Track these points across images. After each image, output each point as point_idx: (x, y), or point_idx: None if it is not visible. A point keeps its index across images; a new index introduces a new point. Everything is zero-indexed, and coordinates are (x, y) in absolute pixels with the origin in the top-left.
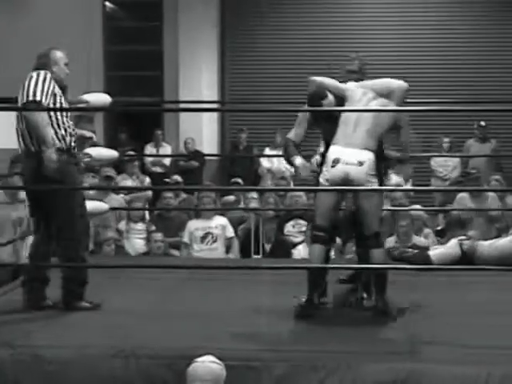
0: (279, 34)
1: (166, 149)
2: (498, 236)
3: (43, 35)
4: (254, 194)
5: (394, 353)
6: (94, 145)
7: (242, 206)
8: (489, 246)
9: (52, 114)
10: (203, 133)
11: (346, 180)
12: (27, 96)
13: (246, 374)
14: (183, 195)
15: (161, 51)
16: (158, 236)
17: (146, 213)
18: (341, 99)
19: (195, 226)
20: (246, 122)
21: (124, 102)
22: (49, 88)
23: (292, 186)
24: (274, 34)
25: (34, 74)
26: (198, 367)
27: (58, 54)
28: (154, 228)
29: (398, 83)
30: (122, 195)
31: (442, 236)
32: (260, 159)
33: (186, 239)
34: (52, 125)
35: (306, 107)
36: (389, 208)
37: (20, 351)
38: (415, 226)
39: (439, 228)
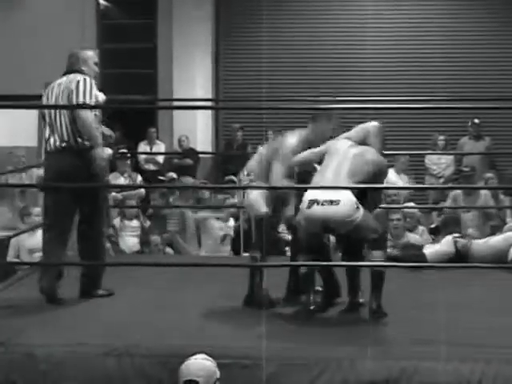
0: (274, 31)
1: (160, 146)
2: (493, 233)
3: (37, 32)
4: None
5: (387, 351)
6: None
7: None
8: (483, 244)
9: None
10: (197, 130)
11: (327, 222)
12: (79, 98)
13: (238, 372)
14: (178, 193)
15: (155, 48)
16: (156, 238)
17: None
18: None
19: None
20: (241, 119)
21: (118, 99)
22: (94, 93)
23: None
24: (269, 31)
25: (81, 80)
26: (191, 364)
27: (87, 54)
28: (148, 224)
29: (371, 124)
30: (113, 193)
31: (436, 234)
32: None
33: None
34: None
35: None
36: (383, 206)
37: (13, 350)
38: (409, 224)
39: (433, 226)
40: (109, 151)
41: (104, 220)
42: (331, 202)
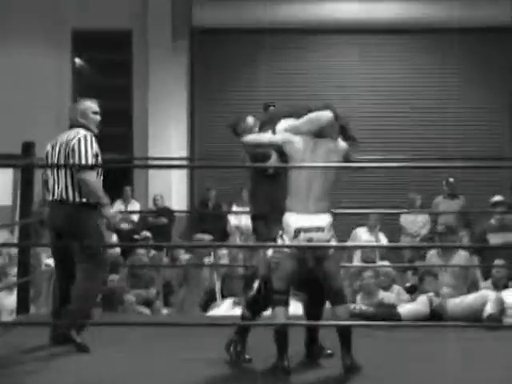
0: (249, 90)
1: (135, 205)
2: (468, 292)
3: (13, 91)
4: (224, 251)
5: None
6: None
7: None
8: (457, 304)
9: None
10: (172, 190)
11: (315, 251)
12: (80, 159)
13: None
14: (152, 252)
15: (130, 108)
16: (131, 297)
17: None
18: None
19: None
20: (215, 178)
21: None
22: (95, 151)
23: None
24: (244, 91)
25: (82, 138)
26: None
27: (85, 105)
28: (124, 285)
29: (324, 115)
30: None
31: (412, 292)
32: (228, 216)
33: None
34: None
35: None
36: (357, 264)
37: None
38: (384, 282)
39: (408, 284)
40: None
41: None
42: (317, 229)
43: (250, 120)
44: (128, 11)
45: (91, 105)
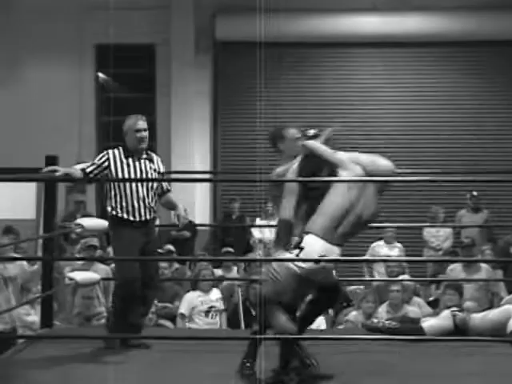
0: (271, 105)
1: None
2: (491, 307)
3: (36, 106)
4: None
5: None
6: (86, 215)
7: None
8: (481, 319)
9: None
10: (196, 203)
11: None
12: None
13: None
14: (176, 265)
15: (153, 122)
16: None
17: None
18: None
19: (197, 299)
20: (238, 191)
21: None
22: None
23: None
24: (267, 104)
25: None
26: None
27: (128, 123)
28: None
29: (385, 164)
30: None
31: (434, 307)
32: (251, 229)
33: (183, 311)
34: None
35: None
36: (381, 279)
37: None
38: (405, 296)
39: (431, 299)
40: None
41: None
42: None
43: (293, 132)
44: (151, 25)
45: (133, 122)
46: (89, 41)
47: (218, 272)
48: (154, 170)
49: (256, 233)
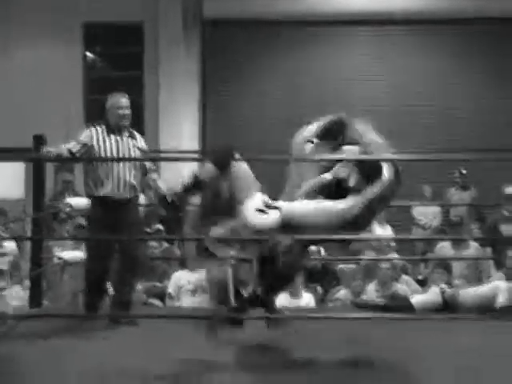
0: (261, 83)
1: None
2: (480, 283)
3: (23, 85)
4: None
5: None
6: (75, 194)
7: None
8: (470, 294)
9: None
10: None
11: None
12: None
13: None
14: (165, 244)
15: (141, 101)
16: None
17: None
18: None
19: (184, 278)
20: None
21: None
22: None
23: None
24: (256, 83)
25: None
26: None
27: (110, 101)
28: None
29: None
30: None
31: (423, 285)
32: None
33: (170, 290)
34: None
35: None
36: (370, 257)
37: None
38: (394, 274)
39: (420, 277)
40: None
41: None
42: None
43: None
44: (139, 4)
45: (116, 100)
46: (76, 19)
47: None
48: (137, 148)
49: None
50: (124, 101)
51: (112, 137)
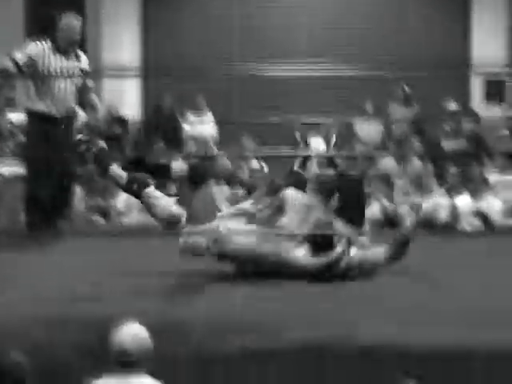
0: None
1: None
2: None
3: None
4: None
5: None
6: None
7: None
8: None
9: None
10: (125, 98)
11: None
12: None
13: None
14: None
15: (83, 15)
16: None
17: None
18: None
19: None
20: (170, 86)
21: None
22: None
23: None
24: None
25: None
26: (123, 333)
27: (64, 21)
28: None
29: None
30: None
31: None
32: (183, 124)
33: (120, 206)
34: None
35: None
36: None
37: None
38: None
39: None
40: None
41: None
42: None
43: None
44: None
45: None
46: None
47: None
48: (81, 70)
49: (187, 128)
50: (77, 23)
51: (58, 56)
